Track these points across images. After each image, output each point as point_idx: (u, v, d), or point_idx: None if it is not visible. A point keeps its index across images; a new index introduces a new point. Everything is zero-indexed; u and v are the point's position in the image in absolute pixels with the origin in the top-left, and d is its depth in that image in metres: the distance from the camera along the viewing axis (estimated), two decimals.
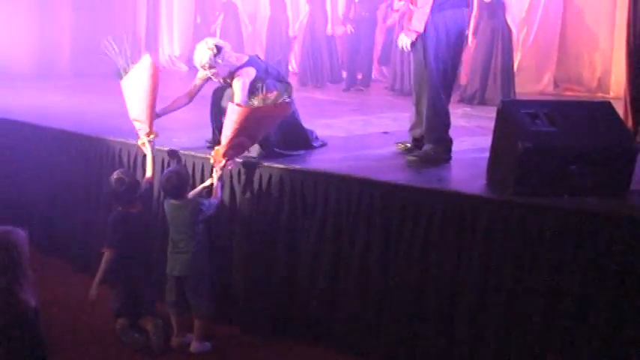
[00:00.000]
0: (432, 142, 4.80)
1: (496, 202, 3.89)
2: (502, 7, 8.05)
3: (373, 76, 10.12)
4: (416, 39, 4.62)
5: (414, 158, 4.84)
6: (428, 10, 4.54)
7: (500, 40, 7.99)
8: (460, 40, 4.89)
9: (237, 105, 4.39)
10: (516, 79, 8.19)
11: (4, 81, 8.16)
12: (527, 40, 9.32)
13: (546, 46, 9.21)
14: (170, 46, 12.24)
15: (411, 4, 4.61)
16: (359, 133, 6.16)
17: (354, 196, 4.23)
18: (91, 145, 5.53)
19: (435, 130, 4.80)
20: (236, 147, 4.42)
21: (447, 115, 4.83)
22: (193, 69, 11.63)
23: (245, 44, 11.15)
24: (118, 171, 4.63)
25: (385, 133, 6.04)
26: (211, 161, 4.45)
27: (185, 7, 12.20)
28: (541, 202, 3.73)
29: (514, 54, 8.25)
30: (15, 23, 9.41)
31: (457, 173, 4.71)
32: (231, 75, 4.73)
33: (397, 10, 8.87)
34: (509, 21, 8.01)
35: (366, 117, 7.06)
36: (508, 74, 8.02)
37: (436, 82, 4.69)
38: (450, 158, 4.82)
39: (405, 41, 4.68)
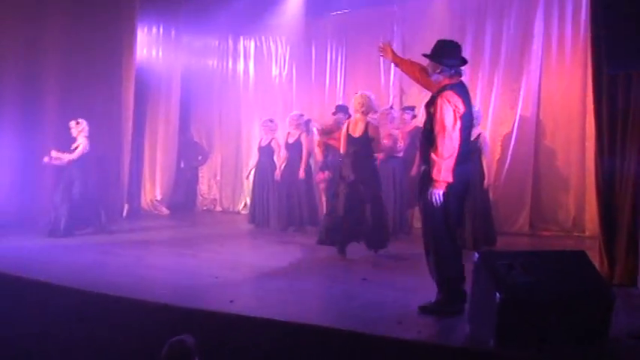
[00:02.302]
0: (442, 292, 4.77)
1: (480, 353, 3.89)
2: (478, 151, 8.07)
3: None
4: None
5: (423, 308, 4.80)
6: (453, 161, 4.61)
7: (476, 183, 8.06)
8: (466, 191, 5.02)
9: None
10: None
11: None
12: (501, 182, 9.54)
13: (520, 189, 9.41)
14: (152, 191, 12.43)
15: (436, 155, 4.60)
16: (339, 279, 6.18)
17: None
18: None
19: (443, 281, 4.77)
20: None
21: (454, 264, 4.75)
22: (174, 212, 11.93)
23: None
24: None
25: (364, 279, 6.06)
26: None
27: (168, 152, 12.49)
28: (522, 352, 3.74)
29: (489, 196, 8.37)
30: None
31: (440, 321, 4.70)
32: None
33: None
34: (484, 165, 8.10)
35: (346, 263, 7.09)
36: (486, 217, 8.11)
37: (445, 233, 4.73)
38: (461, 310, 4.64)
39: (438, 194, 4.62)
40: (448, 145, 4.58)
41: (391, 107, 9.42)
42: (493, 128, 9.70)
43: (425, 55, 4.95)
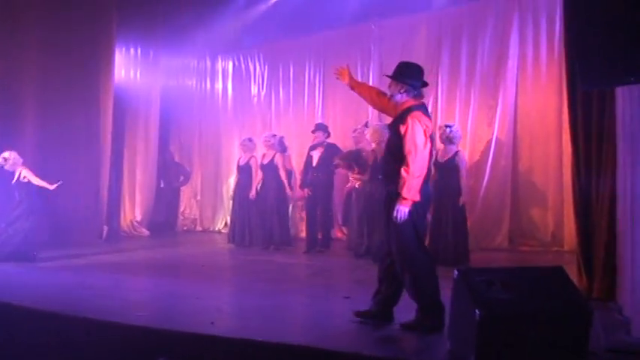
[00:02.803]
0: (421, 307, 4.76)
1: None
2: (455, 168, 8.06)
3: (334, 235, 10.33)
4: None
5: (405, 326, 4.79)
6: (421, 180, 4.65)
7: (453, 200, 8.13)
8: (428, 204, 5.06)
9: None
10: (471, 237, 8.33)
11: None
12: (479, 198, 9.62)
13: (498, 204, 9.50)
14: (132, 211, 12.36)
15: (406, 172, 4.61)
16: (320, 298, 6.17)
17: None
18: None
19: (421, 296, 4.76)
20: None
21: (429, 278, 4.75)
22: (154, 233, 11.87)
23: None
24: None
25: (346, 297, 6.06)
26: None
27: (148, 172, 12.45)
28: None
29: (466, 213, 8.39)
30: None
31: (421, 338, 4.70)
32: None
33: (354, 178, 9.16)
34: (461, 182, 8.11)
35: (327, 281, 7.10)
36: (460, 234, 8.10)
37: (416, 248, 4.76)
38: (441, 323, 4.65)
39: (404, 212, 4.63)
40: (419, 164, 4.63)
41: (366, 125, 9.50)
42: (471, 145, 9.79)
43: (388, 76, 4.98)
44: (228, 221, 11.32)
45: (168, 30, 12.29)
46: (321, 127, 9.89)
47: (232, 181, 11.60)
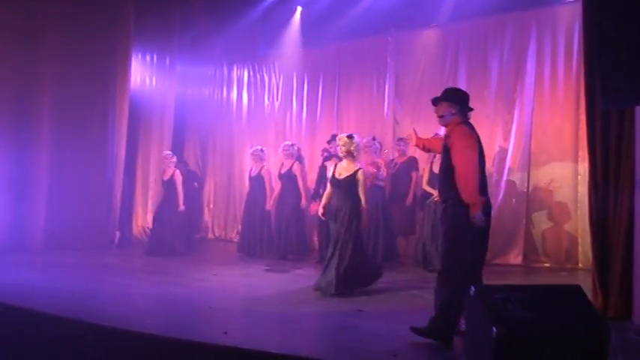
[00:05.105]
0: (440, 315, 4.86)
1: None
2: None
3: None
4: None
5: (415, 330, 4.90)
6: (478, 186, 4.90)
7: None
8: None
9: None
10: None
11: None
12: (494, 214, 9.51)
13: (513, 221, 9.43)
14: (144, 218, 12.38)
15: (462, 181, 4.88)
16: (335, 311, 6.15)
17: None
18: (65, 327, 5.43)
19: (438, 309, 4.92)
20: None
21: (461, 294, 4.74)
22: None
23: None
24: None
25: (359, 310, 6.04)
26: None
27: (161, 181, 12.44)
28: None
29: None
30: None
31: (436, 355, 4.67)
32: None
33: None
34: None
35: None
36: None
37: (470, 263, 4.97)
38: (449, 341, 4.79)
39: (479, 214, 4.80)
40: (471, 175, 4.87)
41: (373, 139, 9.52)
42: (486, 160, 9.73)
43: (439, 98, 5.23)
44: (240, 230, 11.33)
45: (185, 38, 12.37)
46: (336, 139, 9.88)
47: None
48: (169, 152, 10.83)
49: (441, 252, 5.15)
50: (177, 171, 10.50)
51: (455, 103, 5.16)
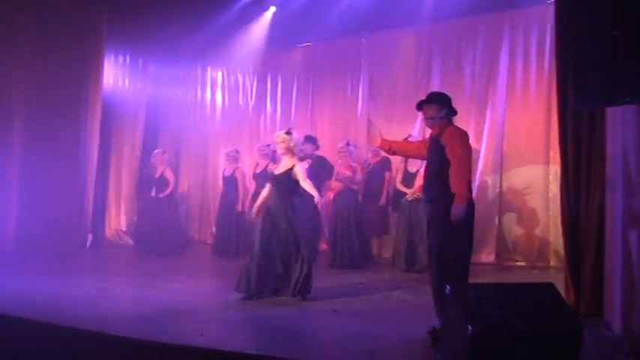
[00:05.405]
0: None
1: None
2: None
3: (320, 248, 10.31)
4: None
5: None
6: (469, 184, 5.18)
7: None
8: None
9: None
10: None
11: None
12: None
13: (486, 220, 9.50)
14: (117, 221, 12.28)
15: (457, 178, 5.09)
16: (310, 311, 6.16)
17: None
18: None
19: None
20: None
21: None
22: (139, 243, 11.76)
23: None
24: None
25: (335, 310, 6.05)
26: None
27: (134, 182, 12.37)
28: None
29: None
30: None
31: (412, 354, 4.70)
32: None
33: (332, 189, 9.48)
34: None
35: (314, 293, 7.06)
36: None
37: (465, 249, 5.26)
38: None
39: (463, 207, 5.04)
40: (465, 170, 5.09)
41: (347, 143, 9.54)
42: None
43: (427, 101, 5.40)
44: (214, 231, 11.29)
45: (159, 39, 12.26)
46: (310, 140, 9.88)
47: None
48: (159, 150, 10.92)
49: (434, 250, 5.17)
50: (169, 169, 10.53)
51: (443, 105, 5.37)
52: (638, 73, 3.84)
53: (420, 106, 5.45)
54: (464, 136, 5.23)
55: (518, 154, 9.56)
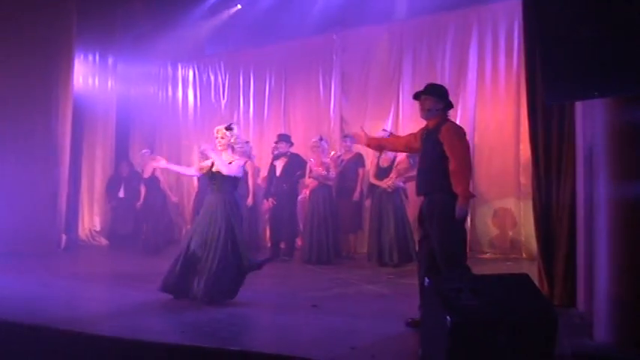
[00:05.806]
0: None
1: None
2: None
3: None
4: None
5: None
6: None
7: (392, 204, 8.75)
8: None
9: None
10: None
11: None
12: None
13: None
14: (90, 221, 12.19)
15: (459, 175, 5.08)
16: (289, 306, 6.19)
17: None
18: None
19: None
20: None
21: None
22: (114, 243, 11.69)
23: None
24: None
25: (314, 306, 6.09)
26: None
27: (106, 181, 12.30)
28: None
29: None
30: None
31: (393, 346, 4.77)
32: None
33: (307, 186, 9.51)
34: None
35: (292, 289, 7.11)
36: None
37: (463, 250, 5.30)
38: None
39: (465, 207, 5.13)
40: (467, 170, 5.12)
41: (320, 139, 9.57)
42: None
43: (424, 93, 5.32)
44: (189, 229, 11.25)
45: (128, 37, 12.21)
46: (284, 138, 9.93)
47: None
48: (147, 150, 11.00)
49: (437, 248, 5.08)
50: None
51: (441, 98, 5.30)
52: (606, 68, 3.95)
53: (417, 96, 5.36)
54: (462, 133, 5.19)
55: (489, 147, 9.70)
